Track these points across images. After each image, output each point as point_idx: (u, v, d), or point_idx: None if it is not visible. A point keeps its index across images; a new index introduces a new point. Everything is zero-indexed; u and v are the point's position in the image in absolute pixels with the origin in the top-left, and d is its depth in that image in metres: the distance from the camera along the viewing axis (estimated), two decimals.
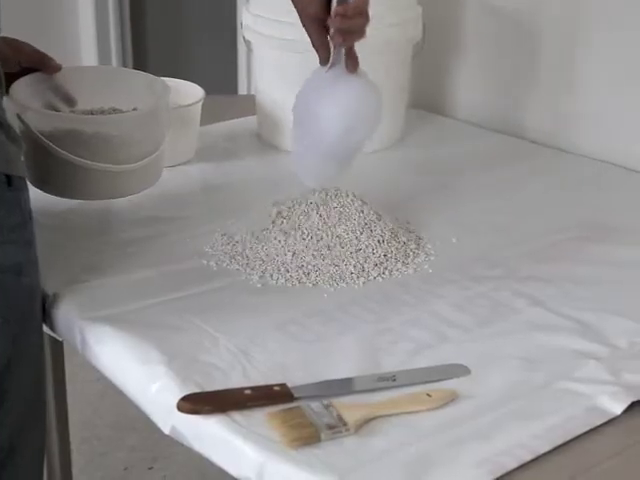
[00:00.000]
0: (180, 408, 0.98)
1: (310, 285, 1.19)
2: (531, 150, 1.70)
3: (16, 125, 1.12)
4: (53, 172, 1.31)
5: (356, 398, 0.99)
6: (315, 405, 0.95)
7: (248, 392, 0.98)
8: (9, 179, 1.07)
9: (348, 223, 1.28)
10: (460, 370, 1.05)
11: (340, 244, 1.25)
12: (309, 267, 1.22)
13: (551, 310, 1.16)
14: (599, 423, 0.97)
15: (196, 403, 0.98)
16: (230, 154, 1.62)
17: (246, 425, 0.94)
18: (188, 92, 1.60)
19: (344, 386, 1.01)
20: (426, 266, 1.26)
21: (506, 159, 1.66)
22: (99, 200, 1.37)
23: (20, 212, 1.10)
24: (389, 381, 1.02)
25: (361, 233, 1.26)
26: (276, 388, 0.99)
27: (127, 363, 1.07)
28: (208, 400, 0.98)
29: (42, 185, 1.31)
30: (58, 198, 1.35)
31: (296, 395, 0.98)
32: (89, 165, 1.28)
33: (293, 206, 1.31)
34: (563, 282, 1.23)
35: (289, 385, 0.99)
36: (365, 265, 1.23)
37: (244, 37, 1.69)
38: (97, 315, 1.13)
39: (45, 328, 1.25)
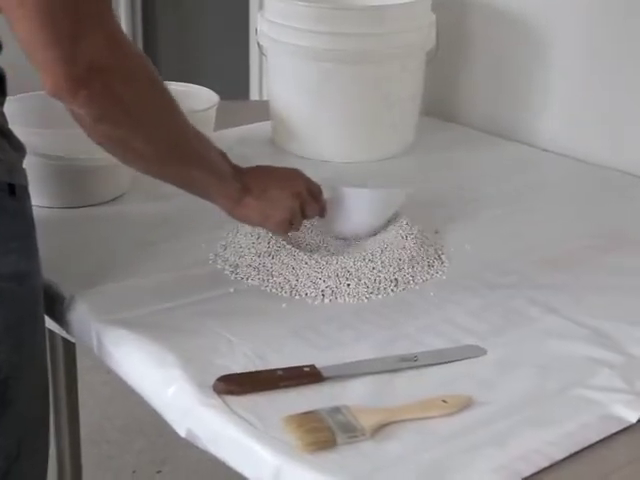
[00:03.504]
0: (215, 389, 1.00)
1: (328, 300, 1.20)
2: (544, 158, 1.71)
3: (18, 133, 1.12)
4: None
5: (372, 403, 0.99)
6: (331, 409, 0.96)
7: (280, 373, 1.02)
8: (11, 188, 1.07)
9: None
10: (477, 350, 1.09)
11: (359, 254, 1.26)
12: (325, 276, 1.22)
13: (566, 318, 1.17)
14: (614, 431, 0.97)
15: (230, 384, 1.00)
16: (244, 160, 1.61)
17: (262, 428, 0.95)
18: (201, 97, 1.60)
19: (369, 366, 1.05)
20: (440, 273, 1.27)
21: (519, 167, 1.66)
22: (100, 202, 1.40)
23: (23, 221, 1.10)
24: (411, 361, 1.05)
25: (382, 249, 1.27)
26: (306, 369, 1.02)
27: (143, 366, 1.07)
28: (241, 381, 1.01)
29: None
30: None
31: (325, 375, 1.02)
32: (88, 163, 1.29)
33: None
34: (578, 290, 1.23)
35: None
36: (381, 275, 1.23)
37: (258, 43, 1.70)
38: (113, 318, 1.13)
39: (58, 330, 1.25)
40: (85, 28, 0.95)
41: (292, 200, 1.22)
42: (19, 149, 1.11)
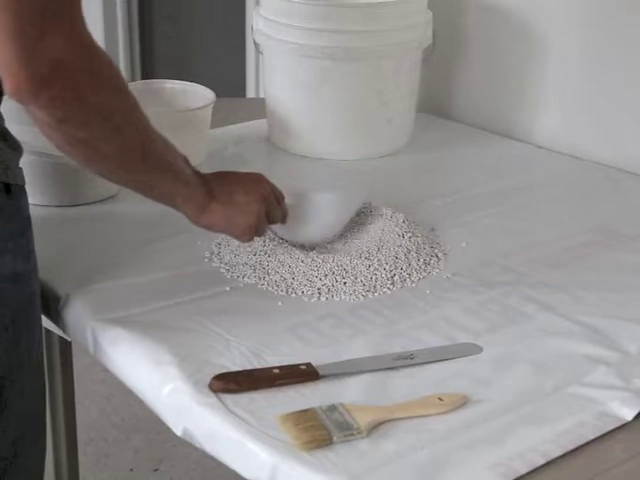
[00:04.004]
0: (212, 387, 1.00)
1: (324, 298, 1.19)
2: (540, 155, 1.71)
3: (14, 131, 1.12)
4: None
5: (369, 401, 0.99)
6: (327, 408, 0.96)
7: (276, 371, 1.02)
8: (7, 187, 1.07)
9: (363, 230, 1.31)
10: (473, 348, 1.09)
11: (356, 252, 1.26)
12: (322, 274, 1.22)
13: (562, 315, 1.17)
14: (610, 428, 0.97)
15: (227, 382, 1.00)
16: (240, 158, 1.63)
17: (259, 427, 0.95)
18: (198, 95, 1.60)
19: (365, 364, 1.05)
20: (437, 271, 1.27)
21: (515, 164, 1.66)
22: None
23: (18, 221, 1.09)
24: (407, 359, 1.06)
25: (379, 247, 1.27)
26: (302, 367, 1.03)
27: (139, 365, 1.07)
28: (238, 379, 1.01)
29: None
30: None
31: (321, 373, 1.02)
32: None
33: None
34: (574, 288, 1.23)
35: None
36: (378, 273, 1.23)
37: (255, 40, 1.70)
38: (109, 317, 1.13)
39: (55, 329, 1.25)
40: (49, 27, 0.92)
41: (258, 205, 1.20)
42: (16, 148, 1.11)
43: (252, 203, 1.19)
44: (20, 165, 1.11)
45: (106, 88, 1.00)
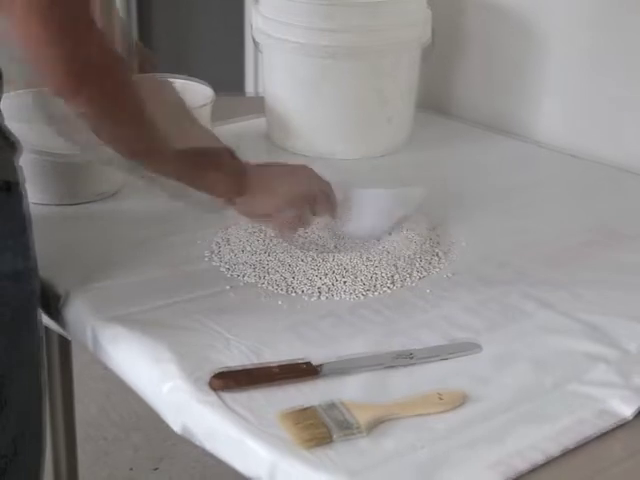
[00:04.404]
0: (212, 385, 1.00)
1: (324, 297, 1.19)
2: (539, 153, 1.71)
3: (14, 129, 1.12)
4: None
5: (368, 399, 0.99)
6: (327, 406, 0.96)
7: (276, 369, 1.02)
8: (7, 185, 1.07)
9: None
10: (473, 347, 1.09)
11: (357, 251, 1.27)
12: (322, 273, 1.22)
13: (561, 313, 1.17)
14: (610, 426, 0.97)
15: (227, 380, 1.00)
16: (240, 156, 1.62)
17: (258, 424, 0.95)
18: (197, 93, 1.60)
19: (365, 362, 1.05)
20: (437, 269, 1.27)
21: (515, 162, 1.66)
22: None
23: (18, 219, 1.09)
24: (407, 358, 1.06)
25: (378, 247, 1.27)
26: (302, 365, 1.03)
27: (139, 362, 1.07)
28: (237, 377, 1.01)
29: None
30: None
31: (321, 371, 1.02)
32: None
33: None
34: (574, 286, 1.23)
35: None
36: (378, 272, 1.23)
37: (254, 39, 1.70)
38: (109, 315, 1.13)
39: (54, 327, 1.25)
40: (81, 27, 0.98)
41: (302, 197, 1.21)
42: (15, 146, 1.11)
43: (296, 194, 1.21)
44: (20, 163, 1.11)
45: (132, 85, 1.06)
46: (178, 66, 3.48)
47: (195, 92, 1.60)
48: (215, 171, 1.17)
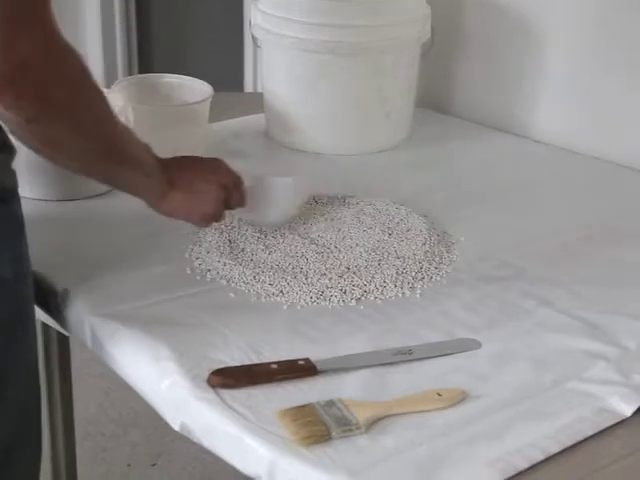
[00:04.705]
0: (210, 382, 1.00)
1: (323, 296, 1.18)
2: (538, 150, 1.70)
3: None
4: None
5: (367, 397, 0.99)
6: (326, 403, 0.96)
7: (274, 366, 1.02)
8: (1, 193, 1.06)
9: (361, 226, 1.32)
10: (472, 343, 1.09)
11: (354, 248, 1.27)
12: (321, 270, 1.22)
13: (560, 311, 1.17)
14: (609, 424, 0.97)
15: (226, 377, 1.00)
16: (239, 153, 1.62)
17: (257, 422, 0.95)
18: (195, 89, 1.60)
19: (364, 359, 1.05)
20: (435, 266, 1.26)
21: (513, 159, 1.66)
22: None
23: (11, 225, 1.08)
24: (406, 355, 1.05)
25: (377, 242, 1.28)
26: (300, 362, 1.03)
27: (137, 360, 1.07)
28: (236, 375, 1.01)
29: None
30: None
31: (320, 368, 1.02)
32: None
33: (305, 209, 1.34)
34: (573, 283, 1.23)
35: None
36: (377, 269, 1.23)
37: (253, 35, 1.69)
38: (108, 312, 1.13)
39: (53, 324, 1.25)
40: (16, 32, 0.92)
41: (218, 193, 1.21)
42: (8, 150, 1.09)
43: (212, 191, 1.21)
44: (18, 160, 1.10)
45: (73, 88, 1.00)
46: (177, 63, 3.50)
47: (193, 89, 1.60)
48: (146, 173, 1.15)
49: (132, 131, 1.12)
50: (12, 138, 1.09)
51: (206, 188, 1.20)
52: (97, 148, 1.07)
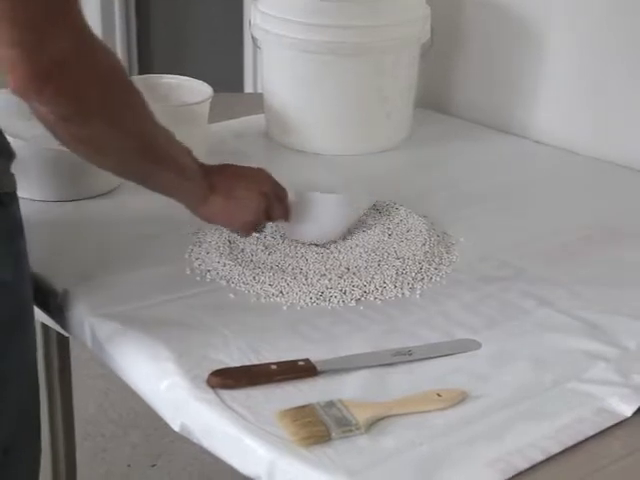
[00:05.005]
0: (210, 383, 0.99)
1: (323, 297, 1.18)
2: (538, 150, 1.70)
3: (15, 127, 1.11)
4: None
5: (367, 397, 0.99)
6: (326, 404, 0.96)
7: (274, 367, 1.02)
8: (0, 197, 1.06)
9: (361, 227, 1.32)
10: (472, 344, 1.09)
11: (354, 248, 1.27)
12: (320, 271, 1.22)
13: (560, 311, 1.17)
14: (609, 425, 0.97)
15: (225, 377, 1.00)
16: (239, 153, 1.62)
17: (256, 423, 0.95)
18: (195, 90, 1.60)
19: (363, 360, 1.05)
20: (435, 266, 1.26)
21: (513, 159, 1.66)
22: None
23: (10, 228, 1.08)
24: (405, 355, 1.06)
25: (377, 243, 1.28)
26: (300, 363, 1.03)
27: (137, 360, 1.07)
28: (235, 375, 1.01)
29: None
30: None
31: (319, 369, 1.02)
32: None
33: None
34: (572, 283, 1.23)
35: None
36: (376, 269, 1.23)
37: (252, 35, 1.69)
38: (107, 312, 1.13)
39: (53, 324, 1.25)
40: (51, 25, 0.93)
41: (258, 201, 1.21)
42: (7, 154, 1.10)
43: (253, 199, 1.20)
44: (19, 160, 1.11)
45: (109, 84, 1.01)
46: (177, 63, 3.50)
47: (193, 89, 1.60)
48: (186, 176, 1.15)
49: (172, 133, 1.12)
50: (10, 140, 1.09)
51: (246, 195, 1.20)
52: (132, 146, 1.07)
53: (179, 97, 1.60)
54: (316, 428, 0.93)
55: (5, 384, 1.09)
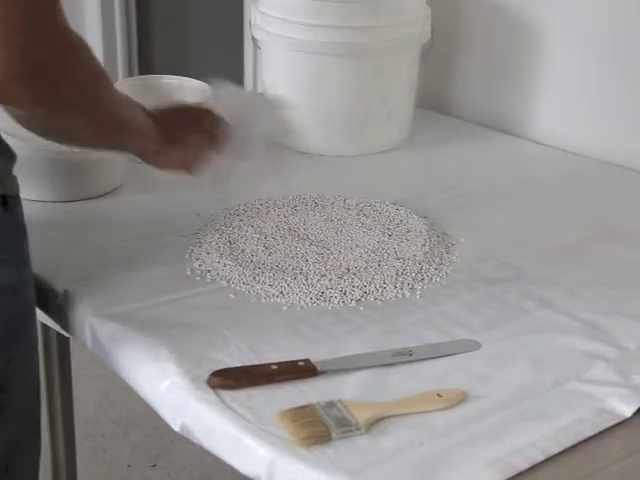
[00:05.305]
0: (210, 383, 0.99)
1: (323, 297, 1.18)
2: (538, 151, 1.70)
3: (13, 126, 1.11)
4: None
5: (367, 397, 0.99)
6: (326, 404, 0.96)
7: (274, 367, 1.02)
8: (4, 199, 1.06)
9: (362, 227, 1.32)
10: (472, 344, 1.09)
11: (354, 248, 1.27)
12: (321, 271, 1.22)
13: (560, 311, 1.17)
14: (609, 425, 0.97)
15: (225, 378, 1.00)
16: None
17: (257, 423, 0.95)
18: (195, 90, 1.60)
19: (364, 360, 1.05)
20: (435, 266, 1.26)
21: (513, 160, 1.66)
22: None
23: (14, 231, 1.08)
24: (406, 355, 1.06)
25: (377, 243, 1.28)
26: (300, 363, 1.03)
27: (137, 360, 1.07)
28: (236, 376, 1.01)
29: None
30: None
31: (320, 369, 1.02)
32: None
33: (306, 210, 1.35)
34: (572, 283, 1.23)
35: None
36: (376, 269, 1.23)
37: (252, 36, 1.69)
38: (108, 312, 1.13)
39: (53, 325, 1.25)
40: (34, 32, 0.92)
41: (202, 139, 1.23)
42: (9, 156, 1.10)
43: (204, 143, 1.23)
44: (20, 160, 1.11)
45: (88, 80, 1.02)
46: (177, 64, 3.49)
47: (193, 90, 1.60)
48: (145, 136, 1.17)
49: (130, 99, 1.14)
50: (9, 141, 1.09)
51: (198, 141, 1.23)
52: (105, 129, 1.09)
53: (180, 97, 1.60)
54: (316, 428, 0.93)
55: (8, 386, 1.09)
